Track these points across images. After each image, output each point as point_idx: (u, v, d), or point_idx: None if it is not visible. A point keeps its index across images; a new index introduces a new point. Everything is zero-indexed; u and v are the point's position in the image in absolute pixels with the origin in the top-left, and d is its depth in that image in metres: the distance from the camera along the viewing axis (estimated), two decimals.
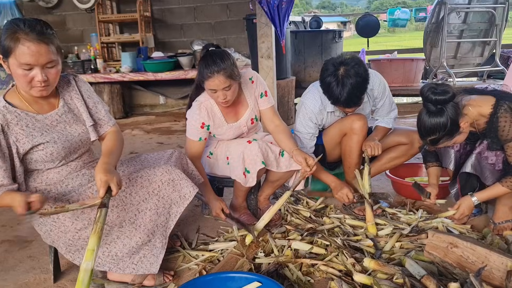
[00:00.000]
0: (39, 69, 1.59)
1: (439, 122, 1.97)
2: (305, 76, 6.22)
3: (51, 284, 1.99)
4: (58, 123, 1.77)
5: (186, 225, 2.56)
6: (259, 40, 4.42)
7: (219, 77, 2.11)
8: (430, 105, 1.98)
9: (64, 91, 1.84)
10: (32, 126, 1.68)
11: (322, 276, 1.92)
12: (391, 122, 2.63)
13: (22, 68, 1.57)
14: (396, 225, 2.34)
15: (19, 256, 2.28)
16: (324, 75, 2.29)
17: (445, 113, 1.95)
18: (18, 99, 1.70)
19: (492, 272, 1.65)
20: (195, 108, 2.31)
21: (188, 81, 6.10)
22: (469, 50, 6.57)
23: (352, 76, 2.20)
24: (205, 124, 2.30)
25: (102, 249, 1.78)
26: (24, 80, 1.60)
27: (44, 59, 1.58)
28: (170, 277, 1.96)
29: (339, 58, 2.29)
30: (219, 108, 2.32)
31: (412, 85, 6.31)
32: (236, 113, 2.39)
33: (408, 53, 8.13)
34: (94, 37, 6.38)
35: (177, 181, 1.80)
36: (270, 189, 2.55)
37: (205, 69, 2.12)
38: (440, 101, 1.95)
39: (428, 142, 2.07)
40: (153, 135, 5.27)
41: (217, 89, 2.14)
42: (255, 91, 2.38)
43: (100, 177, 1.57)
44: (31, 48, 1.55)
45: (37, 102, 1.74)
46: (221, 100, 2.18)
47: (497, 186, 2.07)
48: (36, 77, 1.59)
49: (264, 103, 2.41)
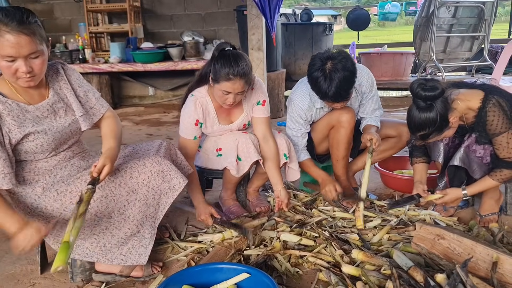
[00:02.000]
0: (22, 60, 1.53)
1: (429, 118, 1.98)
2: (295, 69, 6.22)
3: (38, 275, 1.97)
4: (48, 114, 1.74)
5: (175, 216, 2.55)
6: (249, 32, 4.41)
7: (240, 81, 2.06)
8: (420, 101, 1.99)
9: (53, 80, 1.80)
10: (23, 117, 1.65)
11: (311, 268, 1.93)
12: (378, 120, 2.62)
13: (5, 60, 1.52)
14: (384, 217, 2.35)
15: (5, 247, 2.25)
16: (311, 70, 2.27)
17: (435, 109, 1.97)
18: (8, 89, 1.66)
19: (478, 264, 1.67)
20: (190, 103, 2.25)
21: (177, 73, 6.06)
22: (458, 44, 6.62)
23: (339, 70, 2.18)
24: (199, 121, 2.27)
25: (91, 240, 1.76)
26: (8, 72, 1.56)
27: (25, 50, 1.52)
28: (158, 268, 1.95)
29: (326, 52, 2.27)
30: (214, 107, 2.29)
31: (402, 79, 6.35)
32: (230, 116, 2.36)
33: (398, 47, 8.16)
34: (83, 26, 6.29)
35: (166, 172, 1.79)
36: (260, 181, 2.56)
37: (225, 69, 2.04)
38: (430, 97, 1.96)
39: (418, 137, 2.08)
40: (142, 126, 5.23)
41: (232, 92, 2.10)
42: (253, 98, 2.34)
43: (104, 161, 1.64)
44: (10, 40, 1.48)
45: (27, 92, 1.70)
46: (229, 102, 2.14)
47: (486, 180, 2.10)
48: (20, 68, 1.54)
49: (258, 111, 2.36)
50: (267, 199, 2.67)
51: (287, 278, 1.86)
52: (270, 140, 2.32)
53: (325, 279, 1.79)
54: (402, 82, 6.28)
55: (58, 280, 1.93)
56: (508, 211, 2.35)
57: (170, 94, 6.68)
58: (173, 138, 4.38)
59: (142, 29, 6.33)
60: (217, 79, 2.10)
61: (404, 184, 2.77)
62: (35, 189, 1.66)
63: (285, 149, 2.35)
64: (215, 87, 2.14)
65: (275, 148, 2.32)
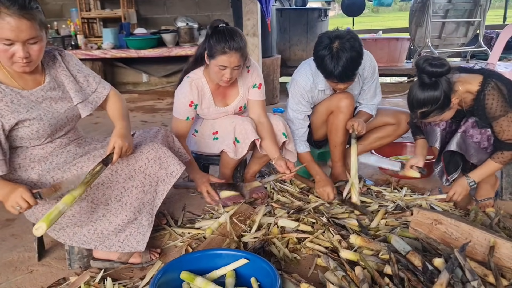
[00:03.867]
0: (20, 45, 1.51)
1: (433, 95, 1.95)
2: (290, 55, 6.18)
3: (36, 262, 1.97)
4: (44, 100, 1.71)
5: (172, 203, 2.54)
6: (244, 17, 4.36)
7: (236, 54, 2.07)
8: (425, 76, 1.96)
9: (50, 67, 1.77)
10: (18, 102, 1.62)
11: (309, 253, 1.94)
12: (374, 108, 2.60)
13: (2, 43, 1.50)
14: (381, 203, 2.36)
15: (2, 235, 2.24)
16: (318, 48, 2.24)
17: (440, 86, 1.94)
18: (3, 74, 1.63)
19: (475, 248, 1.69)
20: (185, 84, 2.26)
21: (172, 59, 5.98)
22: (454, 30, 6.61)
23: (347, 50, 2.16)
24: (194, 103, 2.26)
25: (88, 227, 1.76)
26: (4, 56, 1.53)
27: (25, 35, 1.50)
28: (156, 254, 1.95)
29: (334, 31, 2.24)
30: (209, 89, 2.28)
31: (397, 64, 6.34)
32: (226, 98, 2.35)
33: (393, 33, 8.13)
34: (74, 12, 6.18)
35: (163, 159, 1.77)
36: (257, 166, 2.55)
37: (220, 43, 2.06)
38: (437, 74, 1.94)
39: (418, 115, 2.06)
40: (137, 113, 5.19)
41: (228, 67, 2.10)
42: (249, 80, 2.34)
43: (115, 140, 1.66)
44: (11, 24, 1.47)
45: (22, 78, 1.67)
46: (226, 78, 2.13)
47: (489, 163, 2.10)
48: (17, 53, 1.52)
49: (254, 94, 2.36)
50: (264, 185, 2.66)
51: (285, 264, 1.87)
52: (265, 122, 2.32)
53: (323, 264, 1.80)
54: (397, 68, 6.27)
55: (56, 267, 1.93)
56: (503, 196, 2.36)
57: (164, 80, 6.61)
58: (167, 125, 4.34)
59: (135, 15, 6.24)
60: (213, 55, 2.10)
61: None
62: (31, 176, 1.64)
63: (282, 129, 2.34)
64: (211, 63, 2.14)
65: (271, 128, 2.32)
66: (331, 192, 2.42)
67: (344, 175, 2.65)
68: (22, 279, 1.85)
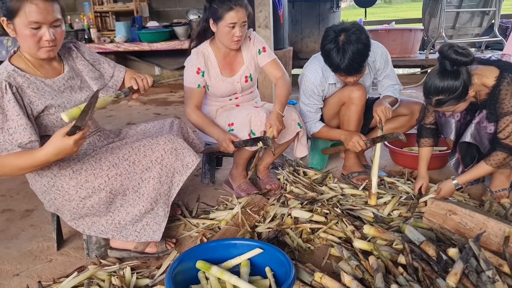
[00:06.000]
0: (47, 28, 1.60)
1: (452, 84, 1.90)
2: (302, 47, 6.16)
3: (55, 252, 2.01)
4: (65, 89, 1.77)
5: (186, 194, 2.57)
6: (256, 9, 4.34)
7: (241, 9, 2.17)
8: (448, 63, 1.91)
9: (67, 58, 1.85)
10: (43, 90, 1.68)
11: (322, 243, 1.95)
12: (398, 92, 2.58)
13: (30, 28, 1.57)
14: (394, 194, 2.36)
15: (21, 225, 2.29)
16: (325, 42, 2.26)
17: (461, 76, 1.90)
18: (25, 64, 1.69)
19: (489, 238, 1.69)
20: (192, 54, 2.36)
21: (184, 52, 5.96)
22: (468, 20, 6.51)
23: (353, 43, 2.16)
24: (201, 70, 2.33)
25: (106, 217, 1.79)
26: (32, 41, 1.60)
27: (51, 17, 1.59)
28: (172, 244, 1.99)
29: (340, 25, 2.25)
30: (216, 59, 2.35)
31: (410, 56, 6.27)
32: (232, 68, 2.41)
33: (406, 24, 8.03)
34: (87, 6, 6.23)
35: (179, 150, 1.80)
36: (270, 158, 2.57)
37: (225, 3, 2.15)
38: (460, 62, 1.89)
39: (432, 102, 2.01)
40: (150, 106, 5.23)
41: (237, 22, 2.17)
42: (252, 48, 2.41)
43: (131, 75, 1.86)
44: (39, 5, 1.55)
45: (43, 67, 1.73)
46: (237, 36, 2.21)
47: (481, 166, 2.06)
48: (44, 36, 1.60)
49: (263, 58, 2.42)
50: (277, 176, 2.68)
51: (299, 253, 1.89)
52: (280, 78, 2.39)
53: (336, 254, 1.82)
54: (410, 59, 6.20)
55: (74, 257, 1.97)
56: None
57: (177, 73, 6.64)
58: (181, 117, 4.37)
59: (147, 8, 6.27)
60: (219, 16, 2.19)
61: (414, 161, 2.76)
62: (52, 167, 1.68)
63: (297, 119, 2.38)
64: (220, 26, 2.22)
65: (286, 85, 2.37)
66: (360, 140, 2.39)
67: (357, 166, 2.65)
68: (42, 268, 1.90)
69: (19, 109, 1.57)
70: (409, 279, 1.53)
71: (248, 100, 2.52)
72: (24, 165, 1.54)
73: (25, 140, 1.57)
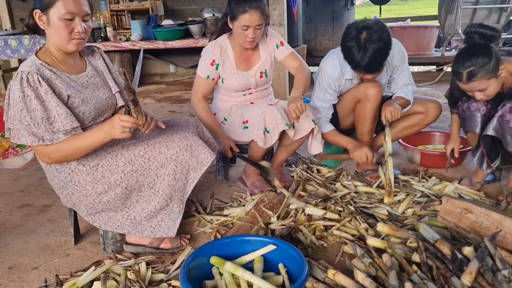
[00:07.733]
0: (80, 19, 1.67)
1: (482, 53, 1.92)
2: (316, 44, 6.15)
3: (72, 246, 2.05)
4: (88, 85, 1.83)
5: (201, 190, 2.60)
6: (270, 7, 4.35)
7: (256, 12, 2.17)
8: (476, 36, 1.94)
9: (90, 58, 1.92)
10: (68, 84, 1.73)
11: (335, 241, 1.95)
12: (410, 94, 2.55)
13: (64, 19, 1.64)
14: (409, 192, 2.35)
15: (39, 220, 2.34)
16: (346, 39, 2.24)
17: (491, 49, 1.91)
18: (50, 59, 1.74)
19: (506, 237, 1.66)
20: (210, 45, 2.38)
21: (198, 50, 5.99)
22: (485, 17, 6.41)
23: (374, 41, 2.15)
24: (215, 62, 2.35)
25: (122, 213, 1.82)
26: (65, 31, 1.66)
27: (84, 9, 1.68)
28: (186, 240, 2.01)
29: (362, 22, 2.24)
30: (233, 52, 2.38)
31: (425, 53, 6.21)
32: (248, 62, 2.43)
33: (422, 21, 7.95)
34: (103, 4, 6.30)
35: (194, 147, 1.81)
36: (284, 155, 2.57)
37: (241, 4, 2.17)
38: (488, 37, 1.92)
39: (463, 77, 1.98)
40: (165, 103, 5.28)
41: (251, 26, 2.19)
42: (269, 44, 2.43)
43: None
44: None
45: (67, 63, 1.79)
46: (250, 38, 2.23)
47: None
48: (76, 27, 1.67)
49: (282, 52, 2.44)
50: (291, 174, 2.68)
51: (312, 251, 1.89)
52: (299, 68, 2.41)
53: (350, 251, 1.82)
54: (426, 57, 6.14)
55: (91, 251, 2.00)
56: None
57: (191, 71, 6.68)
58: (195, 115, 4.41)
59: (162, 6, 6.31)
60: (234, 16, 2.20)
61: (428, 159, 2.75)
62: (70, 162, 1.71)
63: (311, 115, 2.35)
64: (234, 26, 2.24)
65: (305, 72, 2.39)
66: (368, 152, 2.42)
67: (370, 164, 2.64)
68: (59, 262, 1.93)
69: (57, 99, 1.64)
70: (423, 277, 1.52)
71: (263, 96, 2.53)
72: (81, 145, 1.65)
73: (68, 128, 1.65)
